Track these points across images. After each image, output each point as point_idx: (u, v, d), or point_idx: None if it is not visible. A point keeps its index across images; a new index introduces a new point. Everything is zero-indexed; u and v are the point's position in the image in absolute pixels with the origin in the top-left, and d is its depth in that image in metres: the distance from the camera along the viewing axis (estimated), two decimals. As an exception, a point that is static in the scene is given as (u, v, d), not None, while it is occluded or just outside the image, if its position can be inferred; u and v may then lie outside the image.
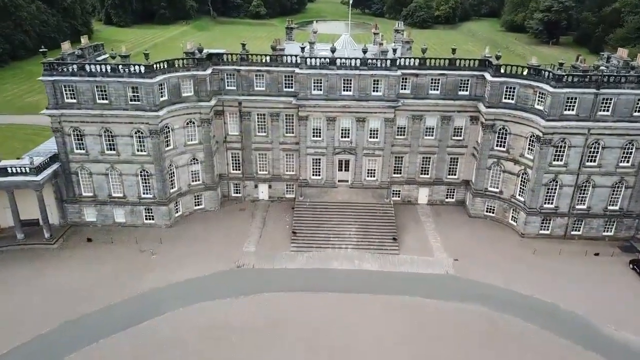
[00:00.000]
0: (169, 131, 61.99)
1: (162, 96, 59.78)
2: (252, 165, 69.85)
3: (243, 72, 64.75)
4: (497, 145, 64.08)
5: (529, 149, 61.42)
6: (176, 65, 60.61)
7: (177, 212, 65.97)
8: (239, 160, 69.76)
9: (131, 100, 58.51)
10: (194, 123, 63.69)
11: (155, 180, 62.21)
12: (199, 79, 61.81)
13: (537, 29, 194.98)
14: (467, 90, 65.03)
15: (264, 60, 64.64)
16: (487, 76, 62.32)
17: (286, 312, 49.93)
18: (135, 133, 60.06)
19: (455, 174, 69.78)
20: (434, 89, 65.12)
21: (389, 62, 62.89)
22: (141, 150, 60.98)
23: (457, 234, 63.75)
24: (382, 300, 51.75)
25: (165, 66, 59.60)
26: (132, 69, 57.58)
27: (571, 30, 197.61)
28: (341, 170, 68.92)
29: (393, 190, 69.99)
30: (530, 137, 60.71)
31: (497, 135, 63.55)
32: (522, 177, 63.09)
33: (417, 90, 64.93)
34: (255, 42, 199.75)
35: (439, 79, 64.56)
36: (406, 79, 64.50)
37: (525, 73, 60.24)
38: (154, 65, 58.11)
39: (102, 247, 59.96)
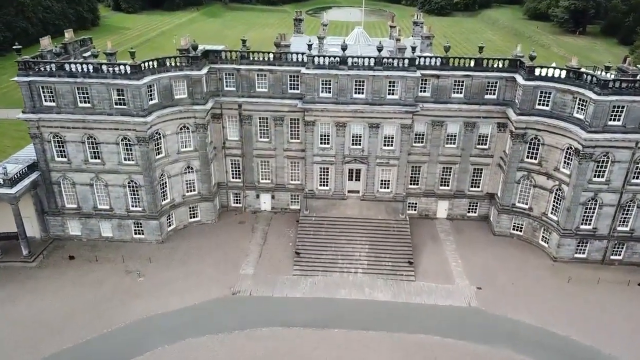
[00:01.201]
0: (159, 137, 55.66)
1: (151, 99, 53.35)
2: (253, 174, 63.42)
3: (243, 72, 58.03)
4: (527, 157, 56.79)
5: (565, 162, 54.09)
6: (167, 65, 54.04)
7: (169, 225, 59.86)
8: (239, 167, 63.34)
9: (116, 104, 52.15)
10: (188, 128, 57.27)
11: (144, 192, 56.04)
12: (194, 80, 55.24)
13: (563, 17, 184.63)
14: (494, 94, 57.72)
15: (266, 59, 57.77)
16: (519, 79, 54.93)
17: (285, 353, 43.70)
18: (122, 140, 53.79)
19: (478, 186, 62.71)
20: (457, 92, 57.90)
21: (406, 61, 55.71)
22: (129, 159, 54.74)
23: (481, 256, 56.90)
24: (395, 339, 45.23)
25: (155, 65, 53.06)
26: (117, 69, 51.08)
27: (598, 19, 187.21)
28: (351, 179, 62.16)
29: (409, 203, 63.21)
30: (567, 149, 53.36)
31: (528, 145, 56.25)
32: (556, 194, 55.84)
33: (438, 94, 57.77)
34: (267, 29, 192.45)
35: (463, 81, 57.29)
36: (426, 80, 57.34)
37: (563, 76, 52.73)
38: (142, 65, 51.56)
39: (84, 267, 54.08)
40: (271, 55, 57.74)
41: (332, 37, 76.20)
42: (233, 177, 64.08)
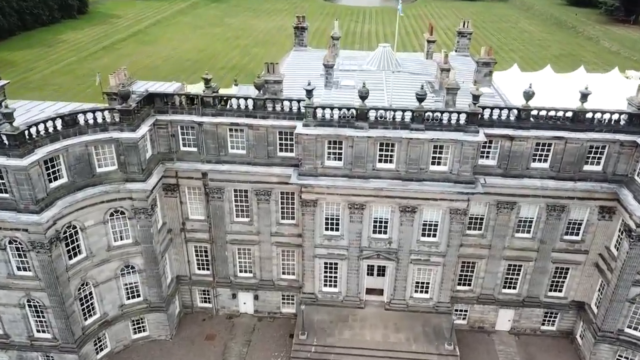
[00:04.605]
0: (75, 233, 35.84)
1: (54, 179, 33.40)
2: (227, 266, 43.51)
3: (208, 127, 37.71)
4: (652, 267, 36.21)
5: None
6: (80, 123, 33.86)
7: (100, 350, 40.26)
8: (207, 256, 43.53)
9: (-6, 191, 32.38)
10: (123, 213, 37.37)
11: (52, 316, 36.46)
12: (126, 145, 35.08)
13: (612, 4, 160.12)
14: (599, 165, 36.95)
15: (243, 107, 37.32)
16: (648, 148, 34.09)
17: None
18: (9, 244, 34.09)
19: (560, 291, 42.26)
20: (540, 161, 37.22)
21: (463, 117, 34.98)
22: (24, 269, 35.07)
23: (571, 417, 36.85)
24: None
25: (58, 127, 32.95)
26: (-12, 137, 31.04)
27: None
28: (372, 274, 42.23)
29: (457, 310, 43.09)
30: None
31: (655, 251, 35.62)
32: (698, 330, 35.35)
33: (510, 162, 37.06)
34: (276, 17, 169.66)
35: (550, 145, 36.54)
36: (491, 141, 36.66)
37: None
38: (28, 132, 31.32)
39: None
40: (250, 103, 37.22)
41: (347, 54, 54.90)
42: (199, 269, 44.28)
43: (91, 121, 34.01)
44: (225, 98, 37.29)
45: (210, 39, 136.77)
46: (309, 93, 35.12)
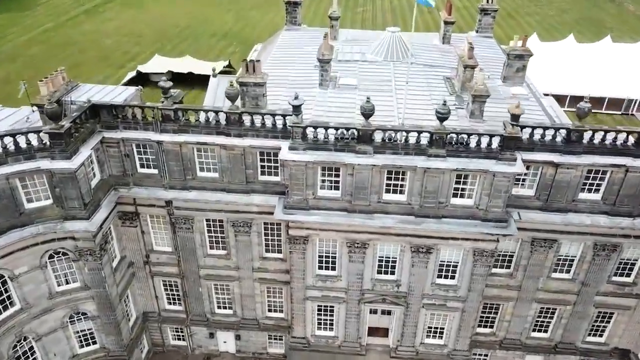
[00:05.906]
0: (4, 283, 28.51)
1: (-34, 224, 25.87)
2: (202, 302, 36.40)
3: (169, 146, 29.72)
4: None
5: None
6: (-3, 151, 26.02)
7: (49, 409, 33.79)
8: (178, 291, 36.38)
9: None
10: (66, 254, 29.95)
11: (-21, 383, 29.72)
12: (60, 177, 27.22)
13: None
14: (664, 197, 29.17)
15: (213, 122, 29.23)
16: None
17: None
18: None
19: (601, 336, 35.23)
20: (590, 191, 29.36)
21: (496, 139, 26.94)
22: (-62, 331, 28.09)
23: None
24: None
25: (-35, 158, 25.18)
26: None
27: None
28: (375, 312, 35.11)
29: (475, 354, 36.27)
30: None
31: None
32: None
33: (553, 193, 29.20)
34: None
35: (604, 173, 28.62)
36: (529, 167, 28.74)
37: None
38: None
39: None
40: (222, 117, 29.10)
41: (347, 34, 45.69)
42: (170, 304, 37.20)
43: (11, 147, 26.10)
44: (189, 110, 29.11)
45: (201, 1, 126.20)
46: (297, 109, 26.92)
